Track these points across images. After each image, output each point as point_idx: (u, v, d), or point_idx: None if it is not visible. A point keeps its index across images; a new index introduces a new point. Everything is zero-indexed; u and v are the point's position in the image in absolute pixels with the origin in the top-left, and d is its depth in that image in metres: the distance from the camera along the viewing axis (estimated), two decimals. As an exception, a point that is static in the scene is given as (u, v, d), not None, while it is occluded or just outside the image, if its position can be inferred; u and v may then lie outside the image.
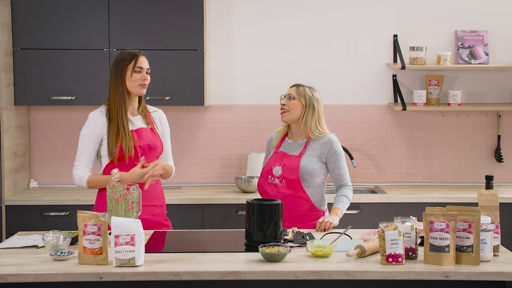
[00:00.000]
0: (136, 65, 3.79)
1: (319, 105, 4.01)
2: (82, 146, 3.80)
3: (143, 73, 3.81)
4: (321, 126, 4.00)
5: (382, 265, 3.04)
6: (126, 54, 3.83)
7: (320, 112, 4.00)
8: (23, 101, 5.10)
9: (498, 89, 5.45)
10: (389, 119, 5.47)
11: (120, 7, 5.02)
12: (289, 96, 4.02)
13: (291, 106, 3.99)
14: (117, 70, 3.80)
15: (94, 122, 3.81)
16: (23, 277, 2.96)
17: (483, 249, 3.11)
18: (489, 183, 3.55)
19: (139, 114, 3.89)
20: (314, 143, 3.97)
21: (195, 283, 3.09)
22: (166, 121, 4.01)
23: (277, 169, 3.96)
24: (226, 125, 5.46)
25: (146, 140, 3.83)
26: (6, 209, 4.88)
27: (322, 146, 3.96)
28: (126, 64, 3.79)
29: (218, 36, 5.40)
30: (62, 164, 5.42)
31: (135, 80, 3.79)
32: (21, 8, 5.01)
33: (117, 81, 3.80)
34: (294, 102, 3.99)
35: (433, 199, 4.91)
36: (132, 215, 3.36)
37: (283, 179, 3.94)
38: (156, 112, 3.98)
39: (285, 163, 3.95)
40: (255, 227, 3.39)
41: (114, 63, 3.83)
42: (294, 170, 3.91)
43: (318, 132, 3.97)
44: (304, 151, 3.96)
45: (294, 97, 4.00)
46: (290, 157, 3.96)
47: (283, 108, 4.01)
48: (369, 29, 5.42)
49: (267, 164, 4.04)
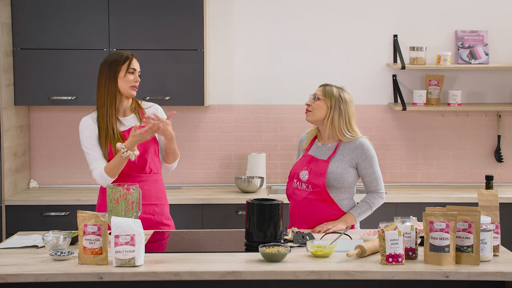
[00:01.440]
0: (130, 67, 3.79)
1: (348, 106, 3.82)
2: (88, 150, 3.79)
3: (135, 75, 3.82)
4: (352, 128, 3.83)
5: (382, 265, 3.04)
6: (118, 55, 3.81)
7: (349, 114, 3.81)
8: (23, 101, 5.10)
9: (498, 89, 5.46)
10: (389, 119, 5.47)
11: (120, 7, 5.02)
12: (315, 96, 3.85)
13: (314, 106, 3.83)
14: (110, 70, 3.78)
15: (88, 127, 3.79)
16: (23, 277, 2.96)
17: (483, 249, 3.11)
18: (489, 183, 3.55)
19: (131, 112, 3.87)
20: (345, 147, 3.81)
21: (195, 283, 3.09)
22: (163, 114, 3.94)
23: (304, 174, 3.83)
24: (226, 125, 5.46)
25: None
26: (6, 209, 4.88)
27: (353, 151, 3.79)
28: (120, 65, 3.78)
29: (218, 36, 5.40)
30: (62, 164, 5.42)
31: (128, 81, 3.78)
32: (21, 8, 5.01)
33: (109, 81, 3.78)
34: (319, 103, 3.83)
35: (433, 199, 4.91)
36: (132, 215, 3.36)
37: (309, 184, 3.80)
38: (151, 108, 3.95)
39: (312, 168, 3.81)
40: (255, 227, 3.39)
41: (106, 64, 3.80)
42: (321, 175, 3.77)
43: (349, 135, 3.81)
44: (333, 155, 3.81)
45: (320, 98, 3.83)
46: (318, 161, 3.82)
47: (307, 108, 3.87)
48: (369, 29, 5.42)
49: (294, 168, 3.91)
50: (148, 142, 3.81)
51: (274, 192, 5.28)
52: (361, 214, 3.83)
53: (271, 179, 5.47)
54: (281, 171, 5.46)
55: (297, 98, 5.39)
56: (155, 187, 3.88)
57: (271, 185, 5.41)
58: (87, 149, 3.79)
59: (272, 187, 5.36)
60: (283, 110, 5.46)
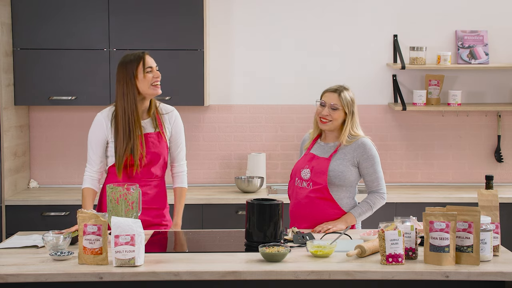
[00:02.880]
0: (146, 66, 3.73)
1: (356, 107, 3.83)
2: (89, 149, 3.81)
3: (154, 72, 3.76)
4: (356, 128, 3.82)
5: (382, 265, 3.04)
6: (131, 57, 3.74)
7: (356, 114, 3.82)
8: (23, 101, 5.10)
9: (498, 89, 5.45)
10: (389, 119, 5.47)
11: (120, 7, 5.02)
12: (333, 106, 3.77)
13: (335, 117, 3.77)
14: (126, 74, 3.71)
15: (98, 126, 3.78)
16: (23, 277, 2.96)
17: (483, 249, 3.11)
18: (489, 183, 3.55)
19: (148, 117, 3.82)
20: (346, 146, 3.80)
21: (195, 283, 3.09)
22: (178, 121, 3.90)
23: (306, 172, 3.82)
24: (226, 125, 5.46)
25: (151, 147, 3.78)
26: (6, 209, 4.88)
27: (355, 150, 3.79)
28: (136, 67, 3.71)
29: (218, 36, 5.40)
30: (62, 164, 5.42)
31: (149, 80, 3.72)
32: (21, 8, 5.01)
33: (127, 85, 3.70)
34: (338, 113, 3.77)
35: (433, 199, 4.91)
36: (132, 215, 3.36)
37: (310, 182, 3.79)
38: (168, 114, 3.88)
39: (313, 166, 3.80)
40: (255, 227, 3.39)
41: (121, 67, 3.73)
42: (322, 173, 3.76)
43: (351, 137, 3.79)
44: (335, 153, 3.80)
45: (338, 108, 3.77)
46: (319, 159, 3.81)
47: (325, 118, 3.78)
48: (369, 29, 5.42)
49: (296, 166, 3.90)
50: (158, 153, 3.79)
51: (274, 192, 5.28)
52: (362, 215, 3.82)
53: (271, 179, 5.47)
54: (281, 171, 5.46)
55: (297, 98, 5.39)
56: (157, 192, 3.87)
57: (271, 185, 5.41)
58: (89, 148, 3.82)
59: (272, 187, 5.36)
60: (283, 110, 5.45)
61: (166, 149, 3.85)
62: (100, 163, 3.81)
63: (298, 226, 3.79)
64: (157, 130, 3.81)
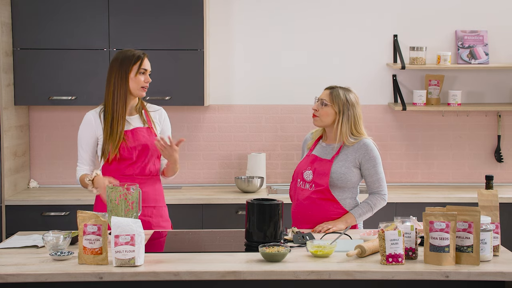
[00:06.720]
0: (141, 67, 3.75)
1: (355, 109, 3.78)
2: (80, 147, 3.83)
3: (146, 76, 3.78)
4: (358, 130, 3.80)
5: (382, 265, 3.04)
6: (130, 54, 3.76)
7: (357, 116, 3.79)
8: (23, 101, 5.10)
9: (498, 89, 5.46)
10: (389, 119, 5.47)
11: (120, 7, 5.02)
12: (322, 102, 3.79)
13: (322, 113, 3.78)
14: (121, 69, 3.73)
15: (88, 124, 3.80)
16: (23, 277, 2.96)
17: (483, 249, 3.11)
18: (489, 183, 3.55)
19: (136, 113, 3.86)
20: (349, 147, 3.78)
21: (195, 283, 3.09)
22: (167, 120, 3.96)
23: (308, 174, 3.82)
24: (226, 125, 5.46)
25: (141, 140, 3.80)
26: (6, 209, 4.88)
27: (357, 151, 3.78)
28: (132, 64, 3.74)
29: (218, 36, 5.41)
30: (62, 164, 5.42)
31: (139, 82, 3.75)
32: (21, 8, 5.01)
33: (121, 80, 3.73)
34: (326, 109, 3.78)
35: (433, 199, 4.91)
36: (132, 215, 3.36)
37: (312, 184, 3.80)
38: (157, 112, 3.94)
39: (316, 168, 3.80)
40: (255, 227, 3.39)
41: (117, 61, 3.75)
42: (325, 175, 3.76)
43: (353, 138, 3.78)
44: (337, 155, 3.79)
45: (327, 104, 3.78)
46: (322, 161, 3.81)
47: (314, 113, 3.81)
48: (369, 29, 5.43)
49: (298, 167, 3.90)
50: (149, 144, 3.81)
51: (274, 192, 5.28)
52: (362, 215, 3.82)
53: (271, 179, 5.47)
54: (281, 171, 5.46)
55: (297, 98, 5.40)
56: (154, 189, 3.87)
57: (271, 185, 5.41)
58: (79, 147, 3.83)
59: (272, 187, 5.36)
60: (283, 110, 5.46)
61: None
62: (91, 161, 3.83)
63: (301, 227, 3.79)
64: (146, 126, 3.84)
